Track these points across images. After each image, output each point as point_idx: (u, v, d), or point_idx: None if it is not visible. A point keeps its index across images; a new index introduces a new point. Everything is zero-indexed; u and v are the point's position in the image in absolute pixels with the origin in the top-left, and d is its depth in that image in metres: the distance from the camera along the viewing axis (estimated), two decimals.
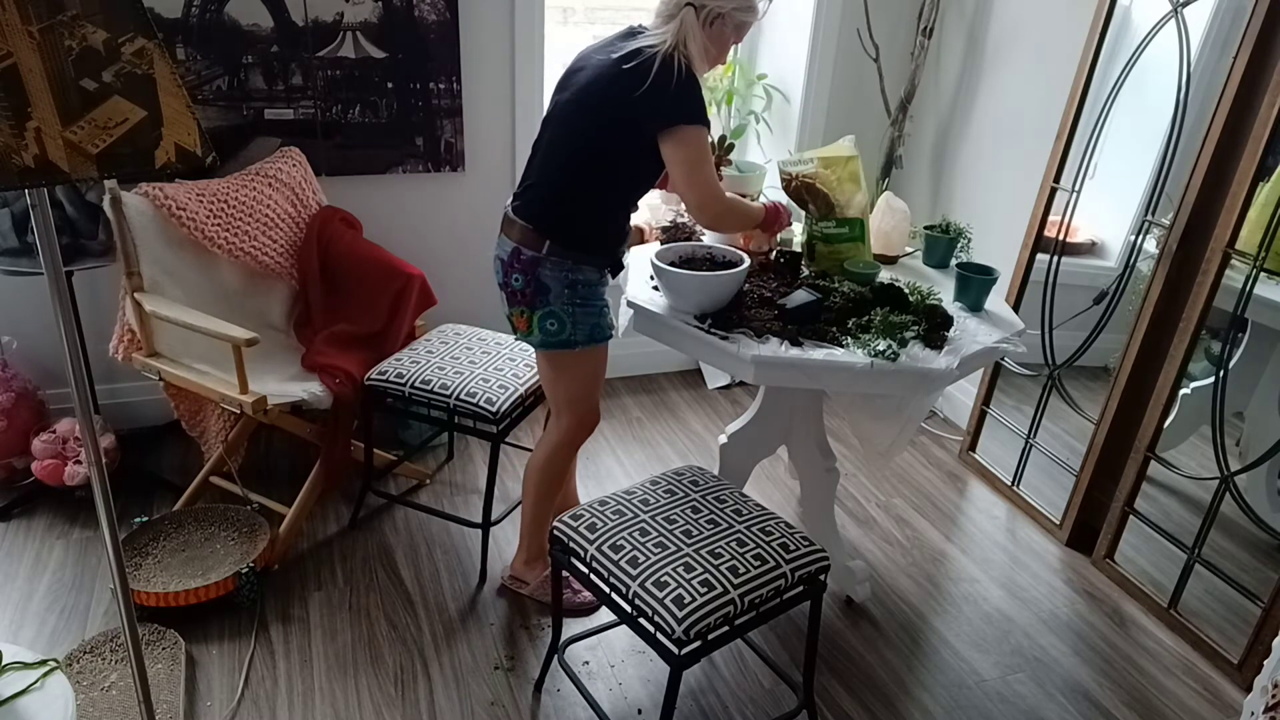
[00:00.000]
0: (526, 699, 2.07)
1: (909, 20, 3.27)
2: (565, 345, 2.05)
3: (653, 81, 1.82)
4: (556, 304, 2.01)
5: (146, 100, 1.20)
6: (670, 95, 1.84)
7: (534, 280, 2.00)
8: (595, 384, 2.17)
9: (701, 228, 2.39)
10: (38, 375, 2.75)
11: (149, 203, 2.31)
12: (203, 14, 2.60)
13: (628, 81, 1.84)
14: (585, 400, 2.16)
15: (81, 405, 1.37)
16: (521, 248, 2.00)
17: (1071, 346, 2.75)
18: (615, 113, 1.89)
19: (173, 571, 2.25)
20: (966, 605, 2.48)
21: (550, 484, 2.26)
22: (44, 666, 1.57)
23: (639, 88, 1.83)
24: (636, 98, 1.83)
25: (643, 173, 2.00)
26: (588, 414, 2.19)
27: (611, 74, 1.87)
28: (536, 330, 2.05)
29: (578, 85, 1.95)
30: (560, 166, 1.98)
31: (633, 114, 1.87)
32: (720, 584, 1.69)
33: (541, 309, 2.02)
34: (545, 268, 1.99)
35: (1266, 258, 2.16)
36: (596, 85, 1.91)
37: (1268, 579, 2.18)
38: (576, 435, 2.20)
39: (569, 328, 2.03)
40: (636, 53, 1.85)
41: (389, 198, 3.00)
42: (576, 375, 2.12)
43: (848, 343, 1.95)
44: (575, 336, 2.04)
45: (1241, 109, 2.23)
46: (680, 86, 1.84)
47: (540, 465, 2.24)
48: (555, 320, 2.02)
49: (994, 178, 3.11)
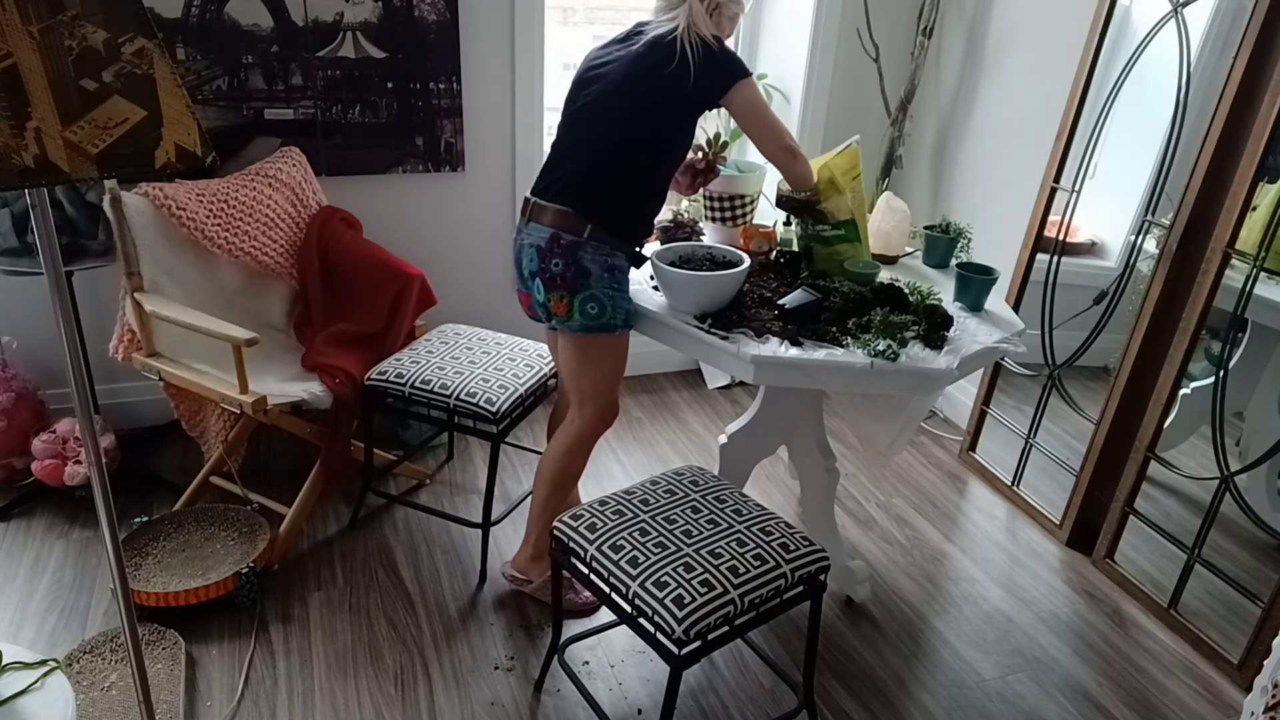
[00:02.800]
0: (526, 699, 2.07)
1: (909, 20, 3.27)
2: (606, 329, 2.07)
3: (693, 58, 1.93)
4: (598, 287, 2.03)
5: (146, 100, 1.19)
6: (716, 62, 1.96)
7: (575, 263, 2.02)
8: (619, 373, 2.20)
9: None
10: (38, 375, 2.75)
11: (149, 203, 2.31)
12: (203, 14, 2.60)
13: (662, 65, 1.95)
14: (609, 390, 2.20)
15: (81, 405, 1.37)
16: (561, 233, 2.01)
17: (1071, 346, 2.75)
18: (659, 95, 1.98)
19: (173, 571, 2.25)
20: (966, 605, 2.48)
21: (566, 477, 2.27)
22: (44, 666, 1.57)
23: (672, 66, 1.94)
24: (680, 75, 1.94)
25: (675, 155, 2.10)
26: (609, 405, 2.22)
27: (647, 61, 1.97)
28: (578, 314, 2.06)
29: (609, 78, 2.02)
30: (600, 152, 2.03)
31: (675, 93, 1.96)
32: (720, 584, 1.69)
33: (583, 292, 2.03)
34: (587, 251, 2.01)
35: (1266, 258, 2.17)
36: (633, 71, 1.99)
37: (1268, 579, 2.18)
38: (597, 426, 2.23)
39: (609, 311, 2.06)
40: (659, 39, 1.97)
41: (389, 198, 3.00)
42: (608, 363, 2.16)
43: (848, 343, 1.95)
44: (614, 320, 2.07)
45: (1241, 109, 2.23)
46: (720, 53, 1.97)
47: (557, 457, 2.25)
48: (596, 304, 2.04)
49: (994, 178, 3.11)
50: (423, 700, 2.05)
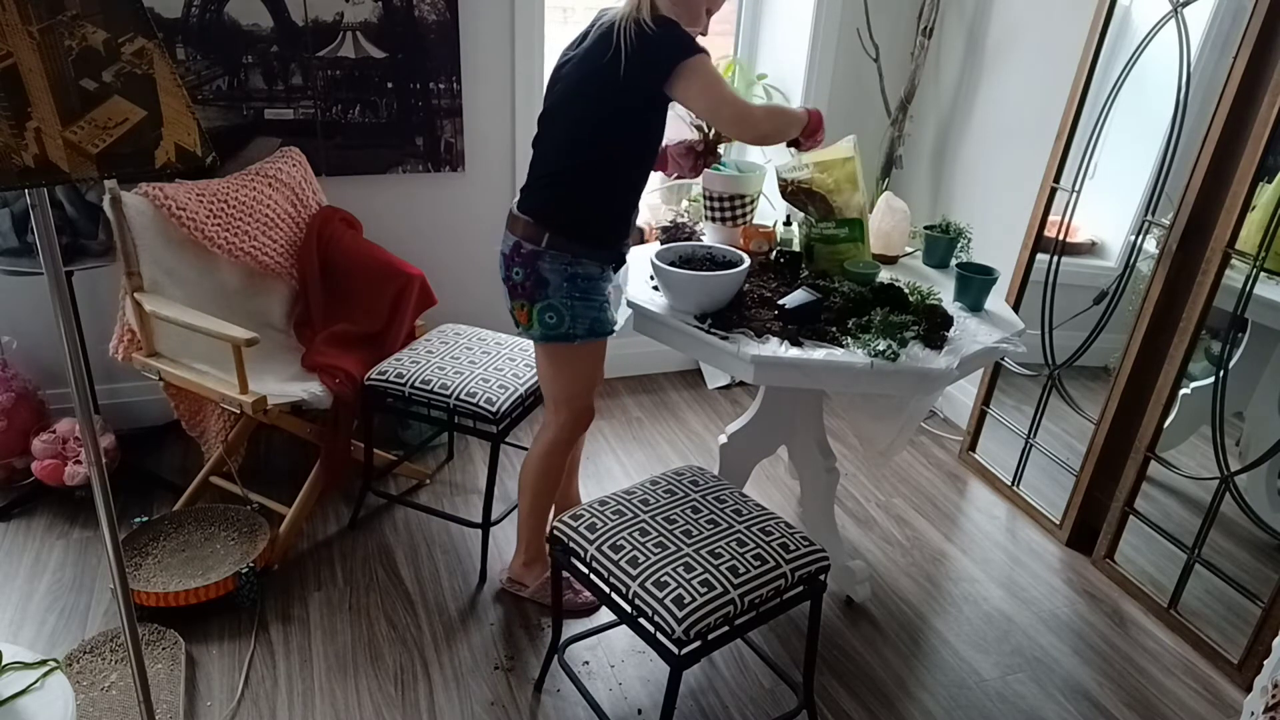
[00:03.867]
0: (526, 699, 2.07)
1: (909, 20, 3.27)
2: (564, 339, 2.05)
3: (625, 47, 1.82)
4: (555, 297, 2.01)
5: (146, 100, 1.19)
6: (652, 47, 1.82)
7: (534, 273, 2.00)
8: (592, 379, 2.17)
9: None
10: (38, 375, 2.75)
11: (149, 203, 2.31)
12: (203, 14, 2.60)
13: (600, 56, 1.86)
14: (581, 396, 2.17)
15: (81, 405, 1.37)
16: (522, 241, 2.00)
17: (1071, 346, 2.75)
18: (600, 91, 1.89)
19: (173, 571, 2.25)
20: (966, 605, 2.48)
21: (547, 482, 2.26)
22: (44, 666, 1.57)
23: (608, 56, 1.84)
24: (614, 65, 1.83)
25: (638, 152, 2.00)
26: (583, 410, 2.19)
27: (588, 55, 1.90)
28: (536, 323, 2.05)
29: (564, 77, 1.98)
30: (557, 157, 2.00)
31: (618, 84, 1.86)
32: (720, 584, 1.69)
33: (541, 302, 2.02)
34: (545, 260, 1.99)
35: (1266, 258, 2.16)
36: (579, 70, 1.93)
37: (1268, 579, 2.18)
38: (572, 431, 2.20)
39: (568, 321, 2.03)
40: (605, 29, 1.87)
41: (389, 198, 3.00)
42: (574, 370, 2.13)
43: (848, 343, 1.95)
44: (575, 330, 2.04)
45: (1241, 109, 2.23)
46: (658, 35, 1.82)
47: (536, 463, 2.24)
48: (554, 313, 2.02)
49: (994, 178, 3.11)
50: (423, 700, 2.05)
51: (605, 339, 2.10)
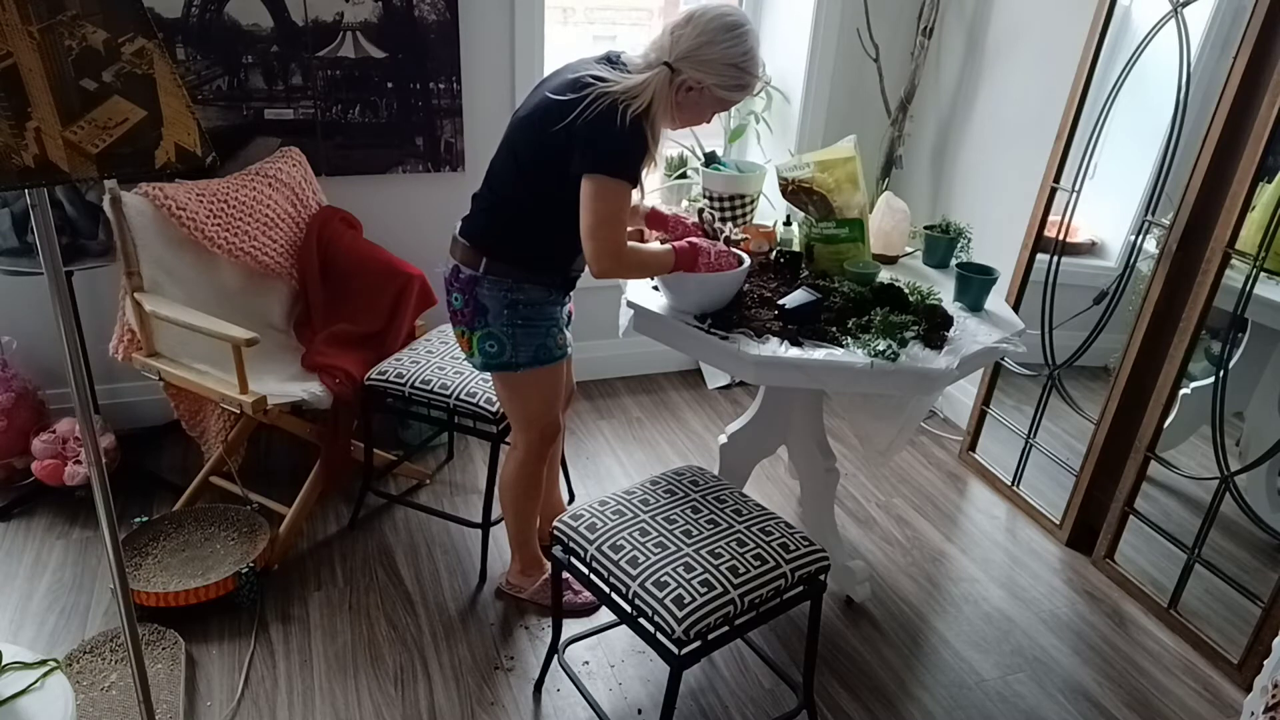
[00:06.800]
0: (526, 699, 2.07)
1: (909, 20, 3.27)
2: (506, 368, 1.99)
3: (591, 120, 1.74)
4: (495, 324, 1.95)
5: (146, 100, 1.20)
6: (605, 141, 1.75)
7: (472, 299, 1.95)
8: (551, 400, 2.10)
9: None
10: (38, 375, 2.75)
11: (149, 203, 2.31)
12: (203, 14, 2.60)
13: (567, 111, 1.76)
14: (544, 415, 2.11)
15: (81, 405, 1.37)
16: (461, 265, 1.95)
17: (1071, 346, 2.75)
18: (552, 140, 1.80)
19: (173, 571, 2.25)
20: (966, 605, 2.48)
21: (525, 498, 2.22)
22: (44, 666, 1.58)
23: (573, 120, 1.75)
24: (571, 129, 1.75)
25: (574, 194, 1.84)
26: (547, 427, 2.13)
27: (558, 100, 1.79)
28: (477, 352, 2.00)
29: (530, 104, 1.88)
30: (500, 184, 1.94)
31: (566, 143, 1.78)
32: (720, 584, 1.69)
33: (480, 329, 1.96)
34: (484, 286, 1.93)
35: (1266, 258, 2.16)
36: (541, 108, 1.83)
37: (1268, 579, 2.18)
38: (540, 448, 2.15)
39: (509, 349, 1.97)
40: (588, 85, 1.76)
41: (389, 198, 3.00)
42: (528, 394, 2.07)
43: (848, 343, 1.95)
44: (517, 359, 1.98)
45: (1241, 109, 2.23)
46: (619, 138, 1.74)
47: (511, 482, 2.20)
48: (495, 342, 1.96)
49: (994, 178, 3.11)
50: (423, 700, 2.05)
51: (558, 364, 2.04)
